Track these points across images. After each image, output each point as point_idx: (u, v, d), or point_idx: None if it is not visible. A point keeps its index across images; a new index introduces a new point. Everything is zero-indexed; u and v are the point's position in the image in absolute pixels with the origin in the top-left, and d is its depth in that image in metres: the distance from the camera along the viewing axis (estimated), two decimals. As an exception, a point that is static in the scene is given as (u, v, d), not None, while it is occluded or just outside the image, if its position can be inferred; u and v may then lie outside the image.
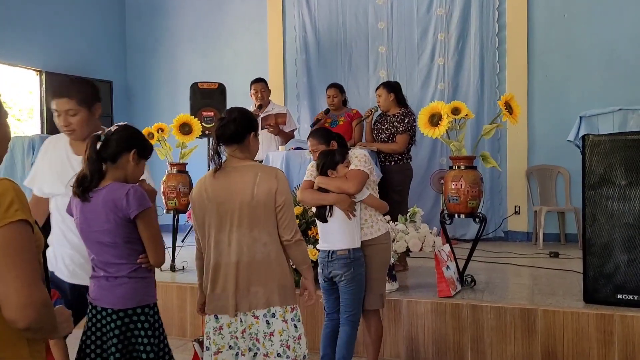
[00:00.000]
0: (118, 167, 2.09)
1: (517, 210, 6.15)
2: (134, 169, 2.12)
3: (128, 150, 2.10)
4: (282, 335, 2.26)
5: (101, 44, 7.54)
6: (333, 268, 2.89)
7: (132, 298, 2.05)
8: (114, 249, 2.05)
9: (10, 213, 1.22)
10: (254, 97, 5.28)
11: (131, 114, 7.79)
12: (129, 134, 2.14)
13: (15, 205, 1.23)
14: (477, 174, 3.80)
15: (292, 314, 2.30)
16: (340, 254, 2.87)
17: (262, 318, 2.26)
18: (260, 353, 2.28)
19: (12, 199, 1.23)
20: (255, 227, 2.24)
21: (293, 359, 2.27)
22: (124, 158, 2.09)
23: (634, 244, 3.27)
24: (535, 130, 6.11)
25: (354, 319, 2.92)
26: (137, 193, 2.02)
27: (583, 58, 5.92)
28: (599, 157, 3.37)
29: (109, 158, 2.08)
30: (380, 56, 6.65)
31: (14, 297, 1.19)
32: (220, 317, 2.31)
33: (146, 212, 2.03)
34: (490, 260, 4.97)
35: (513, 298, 3.64)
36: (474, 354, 3.45)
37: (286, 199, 2.27)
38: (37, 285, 1.24)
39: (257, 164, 2.42)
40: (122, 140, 2.10)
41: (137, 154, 2.12)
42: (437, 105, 3.80)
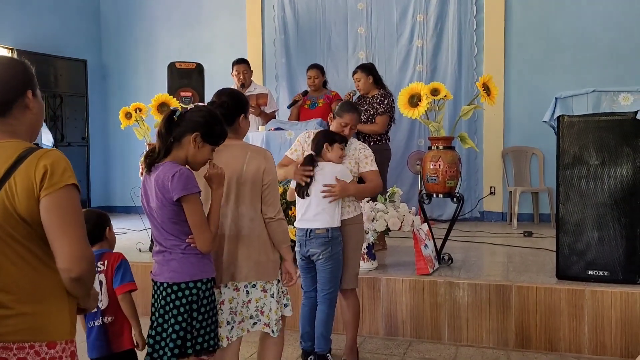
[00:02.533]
0: (181, 146, 2.10)
1: (492, 191, 6.27)
2: (194, 152, 2.10)
3: (192, 131, 2.09)
4: (258, 303, 2.36)
5: (75, 22, 7.37)
6: (311, 247, 2.91)
7: (184, 272, 2.08)
8: (165, 226, 2.08)
9: (65, 177, 1.37)
10: (236, 77, 5.24)
11: (106, 94, 7.67)
12: (198, 116, 2.12)
13: (68, 171, 1.38)
14: (455, 154, 3.87)
15: (274, 286, 2.37)
16: (318, 232, 2.89)
17: (242, 289, 2.34)
18: (235, 322, 2.34)
19: (66, 166, 1.39)
20: (242, 203, 2.31)
21: (265, 324, 2.36)
22: (186, 139, 2.09)
23: (605, 222, 3.38)
24: (511, 112, 6.21)
25: (330, 297, 2.95)
26: (182, 176, 2.01)
27: (558, 41, 6.01)
28: (572, 137, 3.46)
29: (175, 136, 2.09)
30: (359, 37, 6.65)
31: (70, 249, 1.34)
32: (224, 291, 2.35)
33: (190, 197, 2.02)
34: (466, 239, 5.08)
35: (488, 275, 3.74)
36: (450, 329, 3.55)
37: (272, 179, 2.34)
38: (87, 242, 1.40)
39: (247, 143, 2.47)
40: (189, 121, 2.10)
41: (201, 137, 2.10)
42: (417, 86, 3.84)
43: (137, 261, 4.25)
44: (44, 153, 1.38)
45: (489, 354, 3.35)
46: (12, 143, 1.42)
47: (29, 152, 1.38)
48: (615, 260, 3.37)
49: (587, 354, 3.29)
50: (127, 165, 7.32)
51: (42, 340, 1.36)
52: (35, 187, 1.34)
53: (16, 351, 1.34)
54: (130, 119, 4.57)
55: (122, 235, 5.50)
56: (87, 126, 7.27)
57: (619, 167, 3.35)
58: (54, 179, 1.35)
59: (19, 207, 1.35)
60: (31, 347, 1.35)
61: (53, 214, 1.34)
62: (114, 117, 5.45)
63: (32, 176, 1.34)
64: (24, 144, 1.42)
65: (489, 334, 3.48)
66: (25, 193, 1.34)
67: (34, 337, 1.36)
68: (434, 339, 3.56)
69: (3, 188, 1.34)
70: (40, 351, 1.36)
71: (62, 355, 1.39)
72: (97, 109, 7.49)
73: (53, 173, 1.35)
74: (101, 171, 7.49)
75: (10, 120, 1.45)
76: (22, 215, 1.35)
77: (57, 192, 1.35)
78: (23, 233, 1.36)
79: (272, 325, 2.37)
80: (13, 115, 1.45)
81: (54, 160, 1.37)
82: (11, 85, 1.45)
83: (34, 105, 1.49)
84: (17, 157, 1.37)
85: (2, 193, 1.34)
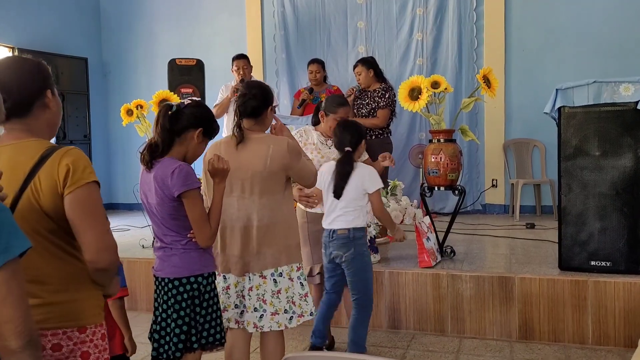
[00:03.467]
0: (182, 141, 2.11)
1: (494, 184, 6.27)
2: (195, 146, 2.14)
3: (195, 127, 2.10)
4: (288, 292, 2.43)
5: (75, 20, 7.36)
6: (334, 248, 2.84)
7: (185, 268, 2.10)
8: (165, 222, 2.10)
9: (86, 175, 1.44)
10: (236, 73, 5.24)
11: (107, 91, 7.68)
12: (200, 112, 2.14)
13: (88, 168, 1.46)
14: (456, 147, 3.87)
15: (298, 272, 2.46)
16: (340, 233, 2.82)
17: (269, 277, 2.41)
18: (267, 313, 2.40)
19: (86, 163, 1.46)
20: (264, 195, 2.38)
21: (299, 314, 2.43)
22: (189, 134, 2.10)
23: (607, 213, 3.38)
24: (512, 105, 6.20)
25: (361, 302, 2.87)
26: (182, 172, 2.03)
27: (559, 32, 6.00)
28: (574, 128, 3.46)
29: (177, 131, 2.09)
30: (359, 32, 6.64)
31: (95, 242, 1.43)
32: (228, 277, 2.44)
33: (190, 193, 2.03)
34: (468, 232, 5.08)
35: (491, 267, 3.74)
36: (453, 321, 3.56)
37: (294, 164, 2.42)
38: (111, 234, 1.48)
39: (269, 135, 2.52)
40: (192, 116, 2.11)
41: (203, 132, 2.13)
42: (417, 80, 3.83)
43: (140, 257, 4.28)
44: (66, 152, 1.45)
45: (493, 346, 3.36)
46: (34, 142, 1.48)
47: (52, 151, 1.45)
48: (618, 251, 3.37)
49: (590, 345, 3.30)
50: (129, 162, 7.32)
51: (73, 326, 1.46)
52: (59, 185, 1.42)
53: (50, 337, 1.43)
54: (131, 116, 4.58)
55: (125, 232, 5.52)
56: (88, 124, 7.28)
57: (621, 158, 3.35)
58: (76, 176, 1.42)
59: (44, 204, 1.43)
60: (64, 332, 1.45)
61: (77, 210, 1.42)
62: (116, 115, 5.45)
63: (55, 175, 1.42)
64: (45, 143, 1.49)
65: (492, 325, 3.49)
66: (50, 191, 1.42)
67: (66, 323, 1.45)
68: (437, 332, 3.58)
69: (29, 186, 1.42)
70: (72, 336, 1.46)
71: (92, 338, 1.49)
72: (99, 106, 7.49)
73: (75, 171, 1.43)
74: (103, 169, 7.51)
75: (31, 119, 1.51)
76: (47, 212, 1.43)
77: (79, 189, 1.43)
78: (49, 228, 1.44)
79: (307, 311, 2.45)
80: (33, 115, 1.51)
81: (75, 158, 1.44)
82: (31, 86, 1.50)
83: (53, 104, 1.54)
84: (40, 156, 1.44)
85: (27, 191, 1.42)
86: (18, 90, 1.47)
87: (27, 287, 1.35)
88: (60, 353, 1.44)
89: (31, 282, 1.41)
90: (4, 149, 1.48)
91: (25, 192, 1.42)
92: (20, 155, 1.45)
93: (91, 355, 1.48)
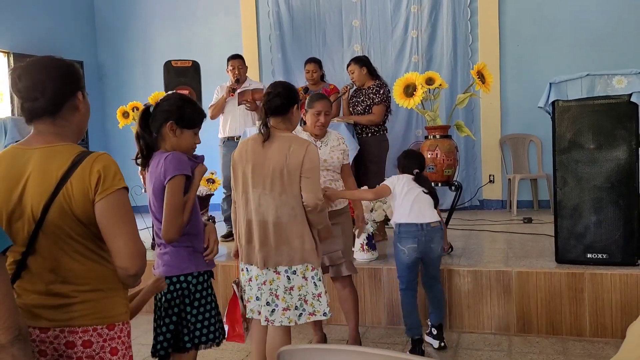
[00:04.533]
0: (163, 138, 2.14)
1: (491, 179, 6.29)
2: (176, 140, 2.13)
3: (165, 121, 2.12)
4: (301, 291, 2.48)
5: (70, 23, 7.38)
6: (431, 241, 3.09)
7: (175, 266, 2.11)
8: (160, 215, 2.09)
9: (116, 181, 1.47)
10: (231, 73, 5.25)
11: (104, 94, 7.69)
12: (167, 105, 2.15)
13: (118, 174, 1.49)
14: (452, 142, 3.89)
15: (312, 272, 2.49)
16: (434, 225, 3.10)
17: (283, 274, 2.48)
18: (279, 308, 2.47)
19: (116, 170, 1.49)
20: (284, 192, 2.42)
21: (310, 312, 2.47)
22: (164, 130, 2.12)
23: (602, 205, 3.40)
24: (508, 100, 6.22)
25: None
26: (174, 158, 2.05)
27: (553, 27, 6.01)
28: (568, 122, 3.47)
29: (155, 130, 2.13)
30: (354, 30, 6.65)
31: (126, 249, 1.47)
32: (250, 269, 2.53)
33: (176, 178, 2.02)
34: (466, 227, 5.10)
35: (489, 262, 3.76)
36: (452, 316, 3.58)
37: (310, 168, 2.42)
38: (140, 239, 1.51)
39: (293, 135, 2.57)
40: (161, 112, 2.13)
41: (175, 123, 2.11)
42: (412, 76, 3.86)
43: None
44: (97, 157, 1.48)
45: (491, 340, 3.38)
46: (65, 147, 1.50)
47: (83, 156, 1.48)
48: (614, 243, 3.39)
49: (588, 337, 3.32)
50: (126, 164, 7.17)
51: (103, 324, 1.51)
52: (90, 191, 1.45)
53: (81, 334, 1.49)
54: (127, 118, 4.60)
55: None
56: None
57: (615, 150, 3.37)
58: (107, 183, 1.46)
59: (76, 209, 1.45)
60: (94, 329, 1.50)
61: (108, 216, 1.46)
62: (112, 117, 5.47)
63: (87, 181, 1.45)
64: (75, 148, 1.51)
65: (491, 319, 3.50)
66: (82, 196, 1.45)
67: (95, 321, 1.50)
68: (436, 327, 3.59)
69: (61, 192, 1.44)
70: (102, 333, 1.51)
71: (120, 335, 1.55)
72: (95, 109, 7.41)
73: (106, 177, 1.46)
74: (101, 172, 7.52)
75: (60, 120, 1.53)
76: (78, 217, 1.46)
77: (110, 195, 1.46)
78: (79, 232, 1.48)
79: (320, 311, 2.49)
80: (62, 116, 1.53)
81: (105, 164, 1.47)
82: (64, 86, 1.52)
83: (82, 107, 1.57)
84: (72, 161, 1.46)
85: (60, 196, 1.45)
86: (52, 89, 1.49)
87: (59, 287, 1.48)
88: (91, 349, 1.49)
89: (63, 283, 1.48)
90: (35, 153, 1.50)
91: (57, 198, 1.44)
92: (51, 159, 1.47)
93: (119, 351, 1.54)
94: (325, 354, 1.17)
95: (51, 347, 1.48)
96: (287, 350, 1.17)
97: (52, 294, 1.48)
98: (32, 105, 1.50)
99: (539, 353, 3.16)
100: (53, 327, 1.48)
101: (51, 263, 1.48)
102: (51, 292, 1.48)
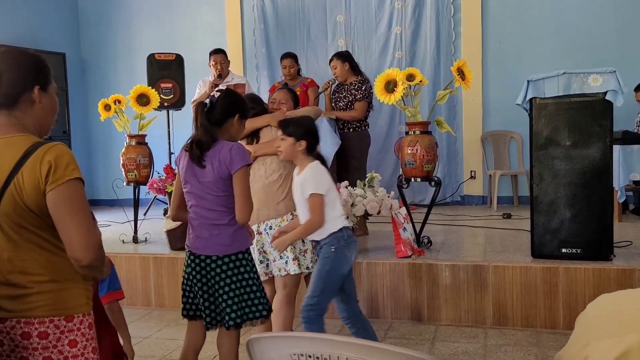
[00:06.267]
0: (224, 130, 2.31)
1: (472, 175, 6.36)
2: (236, 131, 2.37)
3: (232, 115, 2.31)
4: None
5: (52, 15, 7.30)
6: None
7: (232, 245, 2.26)
8: (216, 200, 2.24)
9: (68, 172, 1.44)
10: (214, 68, 5.25)
11: (86, 87, 7.63)
12: (231, 100, 2.35)
13: (71, 165, 1.46)
14: (432, 138, 3.93)
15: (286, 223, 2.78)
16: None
17: (264, 233, 2.83)
18: (270, 260, 2.86)
19: (69, 160, 1.46)
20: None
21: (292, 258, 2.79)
22: (229, 122, 2.32)
23: (577, 201, 3.47)
24: (490, 97, 6.28)
25: None
26: (240, 149, 2.25)
27: (535, 26, 6.09)
28: (545, 119, 3.53)
29: (216, 123, 2.28)
30: (338, 25, 6.67)
31: (78, 240, 1.44)
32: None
33: (244, 169, 2.23)
34: (446, 223, 5.16)
35: (466, 256, 3.82)
36: (430, 309, 3.63)
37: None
38: (94, 230, 1.49)
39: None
40: (226, 107, 2.31)
41: (240, 117, 2.35)
42: (393, 72, 3.88)
43: (121, 253, 4.29)
44: (49, 148, 1.45)
45: (468, 332, 3.44)
46: (20, 138, 1.48)
47: (35, 147, 1.45)
48: (588, 238, 3.46)
49: (561, 329, 3.39)
50: (109, 158, 7.29)
51: (60, 315, 1.49)
52: (41, 182, 1.43)
53: (37, 325, 1.48)
54: (109, 111, 4.57)
55: (106, 228, 5.51)
56: (67, 120, 7.23)
57: (590, 147, 3.43)
58: (58, 174, 1.43)
59: (28, 201, 1.44)
60: (50, 321, 1.48)
61: (59, 207, 1.44)
62: (95, 110, 5.42)
63: (37, 171, 1.42)
64: (31, 139, 1.48)
65: (467, 313, 3.56)
66: (32, 187, 1.43)
67: (53, 312, 1.49)
68: (414, 320, 3.65)
69: (12, 182, 1.43)
70: (59, 324, 1.49)
71: (80, 327, 1.53)
72: (78, 102, 7.44)
73: (57, 168, 1.43)
74: (83, 165, 7.46)
75: (18, 113, 1.51)
76: (30, 208, 1.45)
77: (61, 186, 1.43)
78: (34, 223, 1.47)
79: (304, 265, 2.84)
80: (20, 109, 1.51)
81: (57, 155, 1.44)
82: (19, 79, 1.51)
83: (41, 101, 1.54)
84: (24, 152, 1.45)
85: (11, 187, 1.43)
86: (7, 81, 1.48)
87: (16, 278, 1.48)
88: (47, 341, 1.48)
89: (19, 273, 1.48)
90: None
91: (8, 189, 1.43)
92: (6, 150, 1.46)
93: (79, 343, 1.52)
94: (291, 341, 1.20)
95: (7, 338, 1.48)
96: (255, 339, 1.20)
97: (10, 284, 1.48)
98: None
99: (513, 345, 3.22)
100: (10, 317, 1.48)
101: (8, 253, 1.47)
102: (9, 282, 1.48)
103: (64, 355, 1.50)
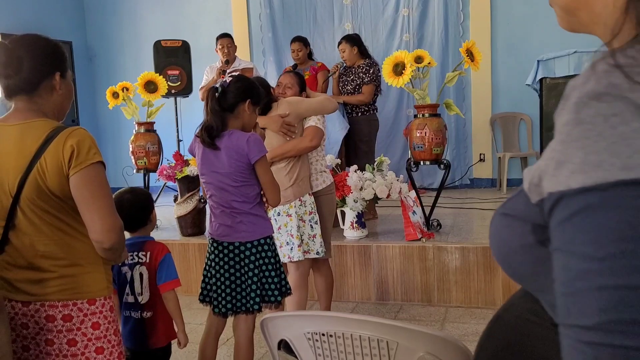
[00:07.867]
0: (236, 116, 2.29)
1: (482, 158, 6.32)
2: (249, 117, 2.33)
3: (244, 100, 2.29)
4: (287, 227, 2.76)
5: (58, 3, 7.29)
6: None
7: (255, 232, 2.28)
8: (235, 190, 2.25)
9: (90, 155, 1.47)
10: (220, 52, 5.23)
11: (94, 75, 7.64)
12: (243, 85, 2.33)
13: (93, 149, 1.49)
14: (441, 121, 3.90)
15: (293, 209, 2.77)
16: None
17: (272, 219, 2.74)
18: (277, 246, 2.75)
19: (90, 144, 1.49)
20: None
21: (305, 251, 2.79)
22: (240, 107, 2.29)
23: (588, 182, 3.44)
24: (499, 79, 6.22)
25: None
26: (257, 140, 2.24)
27: (544, 3, 5.95)
28: (555, 99, 3.51)
29: (228, 108, 2.26)
30: (345, 8, 6.61)
31: (100, 222, 1.46)
32: None
33: (264, 158, 2.25)
34: (456, 206, 5.15)
35: (476, 238, 3.81)
36: (440, 292, 3.64)
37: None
38: (116, 214, 1.52)
39: None
40: (238, 91, 2.29)
41: (252, 103, 2.31)
42: (401, 55, 3.85)
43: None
44: (71, 132, 1.48)
45: (478, 313, 3.45)
46: (40, 122, 1.50)
47: (57, 131, 1.48)
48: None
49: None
50: (118, 145, 7.32)
51: (83, 298, 1.54)
52: (64, 166, 1.45)
53: (61, 308, 1.52)
54: (117, 98, 4.58)
55: (116, 215, 5.54)
56: (76, 108, 7.26)
57: (601, 127, 3.39)
58: (81, 157, 1.46)
59: (51, 185, 1.46)
60: (74, 304, 1.53)
61: (82, 190, 1.46)
62: (103, 98, 5.44)
63: (60, 156, 1.45)
64: (51, 123, 1.51)
65: (477, 294, 3.57)
66: (56, 171, 1.46)
67: (76, 295, 1.53)
68: (424, 302, 3.66)
69: (35, 167, 1.46)
70: (82, 307, 1.54)
71: (102, 309, 1.57)
72: (85, 90, 7.46)
73: (79, 152, 1.46)
74: (93, 153, 7.50)
75: (37, 99, 1.53)
76: (53, 192, 1.47)
77: (84, 170, 1.46)
78: (56, 207, 1.50)
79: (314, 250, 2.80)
80: (40, 95, 1.54)
81: (79, 139, 1.47)
82: (40, 66, 1.52)
83: (61, 87, 1.57)
84: (46, 137, 1.47)
85: (34, 172, 1.46)
86: (28, 67, 1.50)
87: (39, 262, 1.52)
88: (71, 323, 1.52)
89: (42, 257, 1.51)
90: (12, 129, 1.51)
91: (31, 173, 1.45)
92: (27, 135, 1.48)
93: (101, 325, 1.56)
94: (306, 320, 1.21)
95: (32, 321, 1.51)
96: (269, 318, 1.21)
97: (33, 268, 1.51)
98: (7, 83, 1.51)
99: (524, 326, 3.22)
100: (34, 301, 1.51)
101: (30, 238, 1.50)
102: (32, 266, 1.51)
103: (87, 337, 1.54)
